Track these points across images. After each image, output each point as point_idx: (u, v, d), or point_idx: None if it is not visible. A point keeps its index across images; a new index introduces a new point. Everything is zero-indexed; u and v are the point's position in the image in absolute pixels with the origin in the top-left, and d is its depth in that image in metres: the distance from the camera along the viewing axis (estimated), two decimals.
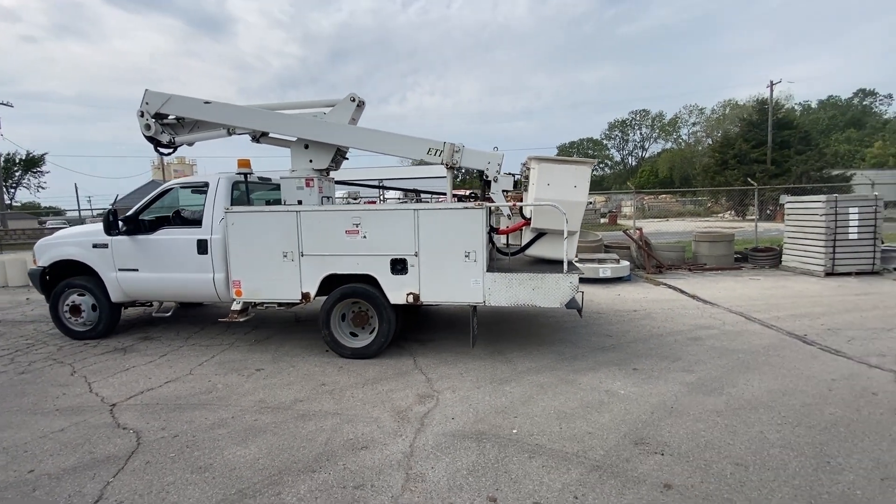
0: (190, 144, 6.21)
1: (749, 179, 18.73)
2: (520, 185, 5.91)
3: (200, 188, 5.84)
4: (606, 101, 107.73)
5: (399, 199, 14.30)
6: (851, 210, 9.53)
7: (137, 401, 4.25)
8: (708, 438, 3.32)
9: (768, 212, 28.95)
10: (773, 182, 28.70)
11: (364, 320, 5.34)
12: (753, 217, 18.39)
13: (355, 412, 3.91)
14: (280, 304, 5.52)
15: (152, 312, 6.24)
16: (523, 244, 5.49)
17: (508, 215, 5.46)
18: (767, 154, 32.63)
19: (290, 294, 5.27)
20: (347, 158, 6.23)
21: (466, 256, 4.84)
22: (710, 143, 51.68)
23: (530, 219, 5.25)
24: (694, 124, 67.62)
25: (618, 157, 79.07)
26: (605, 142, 77.91)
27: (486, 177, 5.34)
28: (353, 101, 5.65)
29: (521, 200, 5.58)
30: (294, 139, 5.79)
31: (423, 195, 8.67)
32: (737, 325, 6.18)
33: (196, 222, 5.72)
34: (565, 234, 4.80)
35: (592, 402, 3.96)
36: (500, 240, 6.17)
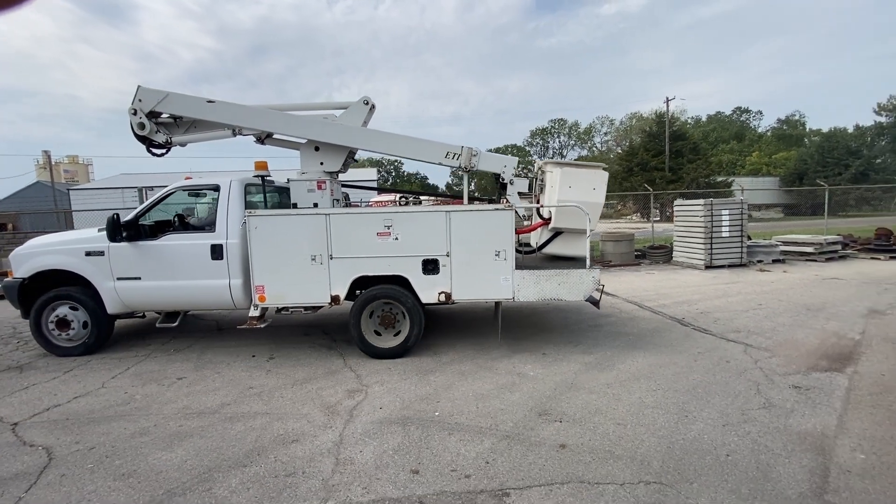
0: (182, 145, 5.83)
1: (646, 185, 20.95)
2: (532, 188, 6.17)
3: (207, 191, 5.58)
4: (529, 109, 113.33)
5: None
6: (724, 212, 11.19)
7: (43, 418, 4.02)
8: (598, 406, 3.92)
9: (668, 213, 32.40)
10: (669, 187, 32.19)
11: (391, 321, 5.37)
12: (654, 219, 20.62)
13: (285, 411, 4.05)
14: (306, 308, 5.38)
15: (156, 323, 5.70)
16: (540, 243, 5.84)
17: (523, 216, 5.70)
18: (665, 162, 36.52)
19: (319, 298, 5.19)
20: (357, 161, 6.18)
21: (497, 255, 5.06)
22: (620, 151, 56.55)
23: (548, 219, 5.60)
24: (606, 134, 73.57)
25: (539, 163, 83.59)
26: (527, 148, 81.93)
27: (503, 180, 5.58)
28: (367, 104, 5.64)
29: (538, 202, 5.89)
30: (304, 141, 5.67)
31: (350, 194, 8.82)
32: (631, 313, 7.10)
33: (207, 226, 5.44)
34: (588, 233, 5.23)
35: (506, 384, 4.45)
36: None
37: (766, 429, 3.46)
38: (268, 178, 5.60)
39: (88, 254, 5.45)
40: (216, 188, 5.49)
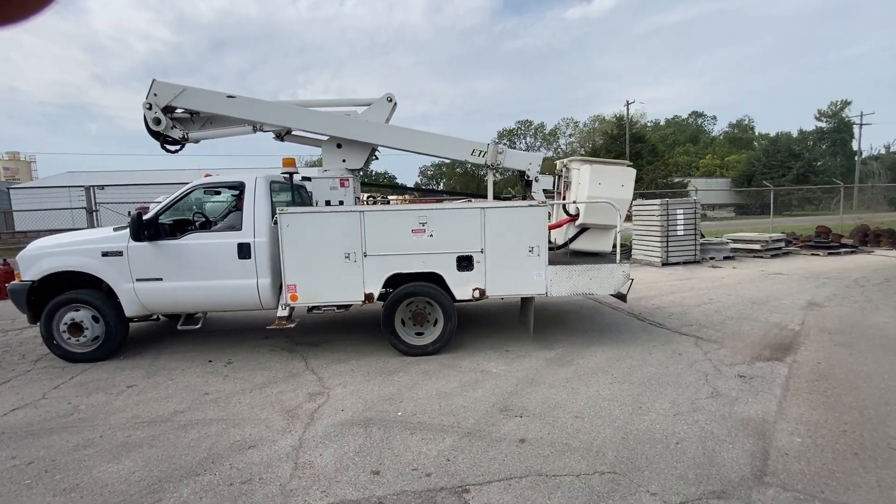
0: (196, 142, 5.60)
1: None
2: (555, 185, 6.27)
3: (229, 189, 5.46)
4: (497, 110, 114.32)
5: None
6: (679, 211, 11.68)
7: None
8: (557, 400, 4.02)
9: (628, 213, 33.47)
10: None
11: (422, 318, 5.33)
12: None
13: (242, 416, 3.93)
14: (338, 307, 5.29)
15: (178, 325, 5.47)
16: (567, 239, 5.94)
17: (548, 213, 5.76)
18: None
19: (353, 296, 5.13)
20: (378, 158, 6.13)
21: (530, 251, 5.11)
22: (583, 152, 58.01)
23: (576, 215, 5.67)
24: (570, 136, 75.22)
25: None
26: None
27: (528, 177, 5.62)
28: (390, 101, 5.60)
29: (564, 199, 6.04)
30: (325, 138, 5.57)
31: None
32: (591, 309, 7.30)
33: (231, 225, 5.27)
34: (618, 228, 5.38)
35: (469, 381, 4.49)
36: None
37: (713, 417, 3.65)
38: (296, 174, 5.57)
39: (105, 254, 5.21)
40: (241, 186, 5.36)
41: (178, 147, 5.70)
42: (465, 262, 5.14)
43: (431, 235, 5.09)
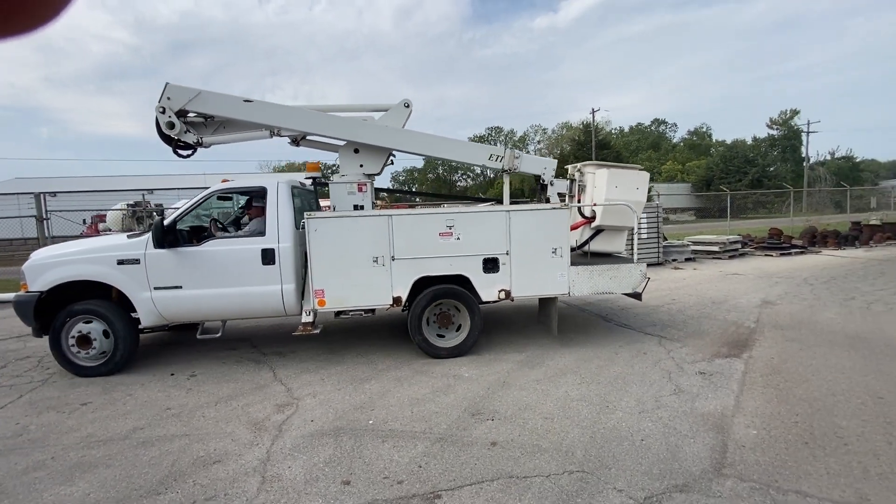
0: (209, 146, 5.47)
1: None
2: (569, 189, 6.35)
3: (249, 194, 5.41)
4: (467, 117, 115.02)
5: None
6: (642, 215, 12.08)
7: None
8: (527, 402, 4.07)
9: None
10: None
11: (448, 320, 5.37)
12: None
13: (207, 431, 3.80)
14: (365, 312, 5.30)
15: (197, 334, 5.26)
16: (582, 241, 6.05)
17: None
18: None
19: (381, 300, 5.14)
20: (393, 163, 6.06)
21: (553, 252, 5.22)
22: (552, 158, 59.23)
23: (591, 217, 5.79)
24: (539, 142, 76.73)
25: (478, 170, 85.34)
26: None
27: (543, 181, 5.72)
28: (407, 106, 5.63)
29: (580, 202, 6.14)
30: (343, 143, 5.52)
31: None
32: (559, 312, 7.41)
33: (255, 231, 5.15)
34: (636, 229, 5.56)
35: (441, 387, 4.49)
36: None
37: (675, 413, 3.78)
38: (319, 179, 5.59)
39: (121, 262, 5.01)
40: (262, 191, 5.26)
41: (189, 152, 5.60)
42: (491, 264, 5.24)
43: (458, 238, 5.17)
